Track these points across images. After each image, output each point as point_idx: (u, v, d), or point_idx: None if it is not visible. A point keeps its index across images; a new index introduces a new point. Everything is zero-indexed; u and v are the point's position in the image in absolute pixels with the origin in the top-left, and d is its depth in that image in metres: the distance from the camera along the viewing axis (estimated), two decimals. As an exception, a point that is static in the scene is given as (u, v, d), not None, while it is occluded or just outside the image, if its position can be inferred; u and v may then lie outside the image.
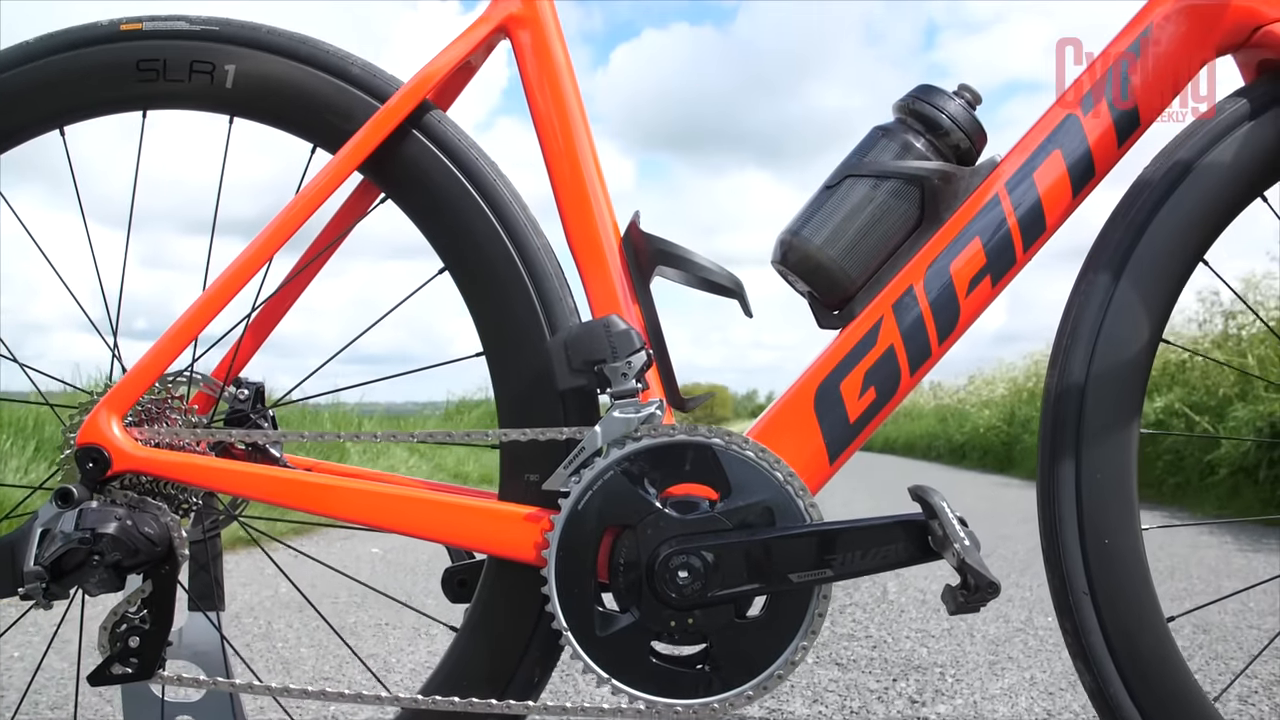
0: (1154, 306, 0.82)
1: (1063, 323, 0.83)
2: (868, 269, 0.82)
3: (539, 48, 0.85)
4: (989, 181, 0.83)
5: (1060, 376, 0.82)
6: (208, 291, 0.84)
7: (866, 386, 0.81)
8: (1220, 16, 0.84)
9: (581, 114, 0.86)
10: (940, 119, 0.83)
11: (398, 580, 2.74)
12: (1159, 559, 3.05)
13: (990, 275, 0.82)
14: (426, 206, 0.85)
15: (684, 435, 0.79)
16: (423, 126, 0.85)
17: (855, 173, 0.82)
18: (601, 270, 0.84)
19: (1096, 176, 0.84)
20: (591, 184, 0.85)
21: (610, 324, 0.80)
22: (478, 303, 0.85)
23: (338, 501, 0.82)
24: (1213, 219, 0.84)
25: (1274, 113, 0.84)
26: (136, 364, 0.83)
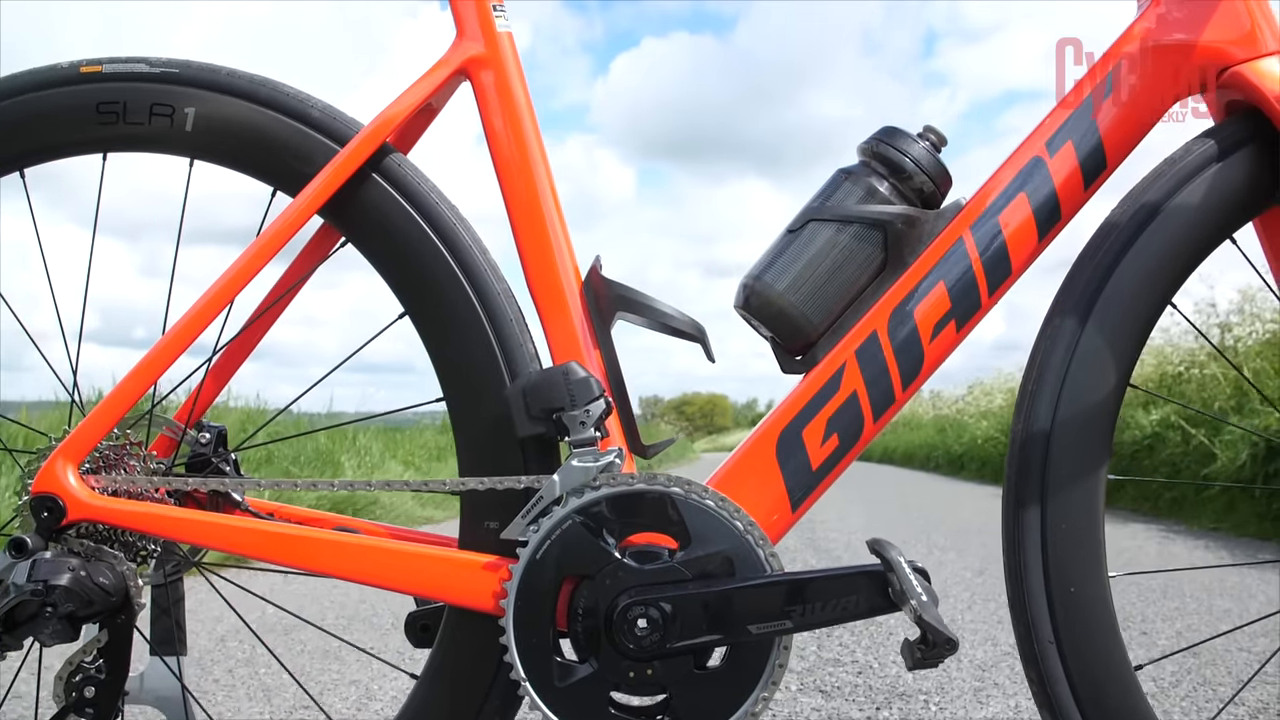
0: (1121, 351, 0.82)
1: (1028, 368, 0.82)
2: (830, 314, 0.82)
3: (500, 90, 0.85)
4: (954, 225, 0.82)
5: (1025, 423, 0.81)
6: (167, 335, 0.83)
7: (829, 433, 0.81)
8: (1188, 57, 0.83)
9: (543, 157, 0.85)
10: (904, 162, 0.82)
11: (387, 601, 2.73)
12: (1153, 576, 3.04)
13: (955, 320, 0.81)
14: (386, 251, 0.85)
15: (643, 484, 0.78)
16: (383, 170, 0.84)
17: (818, 217, 0.82)
18: (562, 316, 0.83)
19: (1063, 219, 0.83)
20: (553, 228, 0.84)
21: (569, 371, 0.79)
22: (437, 348, 0.84)
23: (295, 551, 0.81)
24: (1181, 262, 0.83)
25: (1242, 154, 0.83)
26: (94, 410, 0.82)
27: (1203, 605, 2.57)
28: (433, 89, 0.85)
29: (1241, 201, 0.84)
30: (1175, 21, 0.84)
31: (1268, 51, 0.83)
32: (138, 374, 0.83)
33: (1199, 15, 0.83)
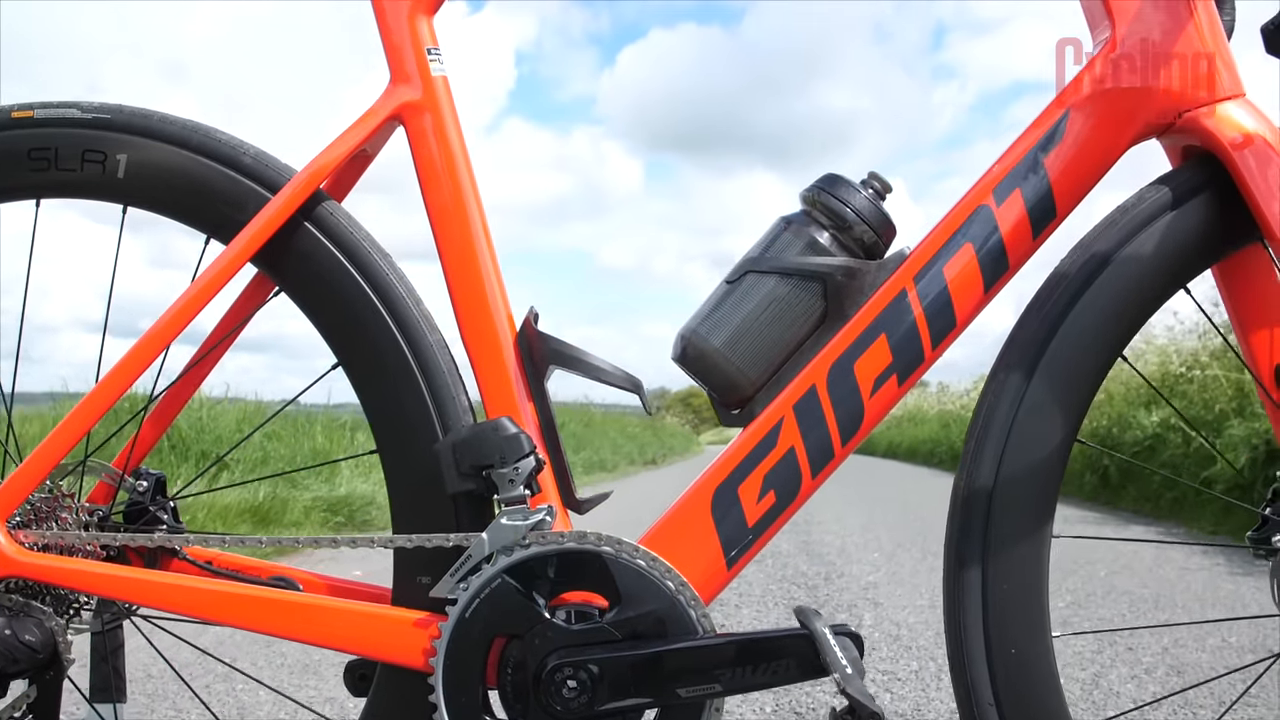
0: (1068, 405, 0.80)
1: (973, 422, 0.81)
2: (768, 368, 0.80)
3: (434, 137, 0.83)
4: (897, 276, 0.80)
5: (968, 480, 0.79)
6: (100, 384, 0.82)
7: (766, 490, 0.79)
8: (1142, 102, 0.81)
9: (478, 205, 0.84)
10: (845, 213, 0.80)
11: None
12: (1147, 584, 3.01)
13: (896, 374, 0.79)
14: (318, 301, 0.83)
15: (573, 543, 0.77)
16: (315, 219, 0.83)
17: (756, 268, 0.80)
18: (496, 368, 0.82)
19: (1010, 270, 0.81)
20: (488, 279, 0.83)
21: (500, 428, 0.78)
22: (371, 400, 0.83)
23: (225, 608, 0.80)
24: (1131, 313, 0.81)
25: (1198, 201, 0.81)
26: (24, 462, 0.81)
27: (1195, 616, 2.54)
28: (365, 135, 0.83)
29: (1197, 249, 0.82)
30: (1129, 65, 0.81)
31: (1224, 96, 0.81)
32: (70, 424, 0.82)
33: (1154, 59, 0.81)
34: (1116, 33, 0.81)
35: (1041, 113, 0.82)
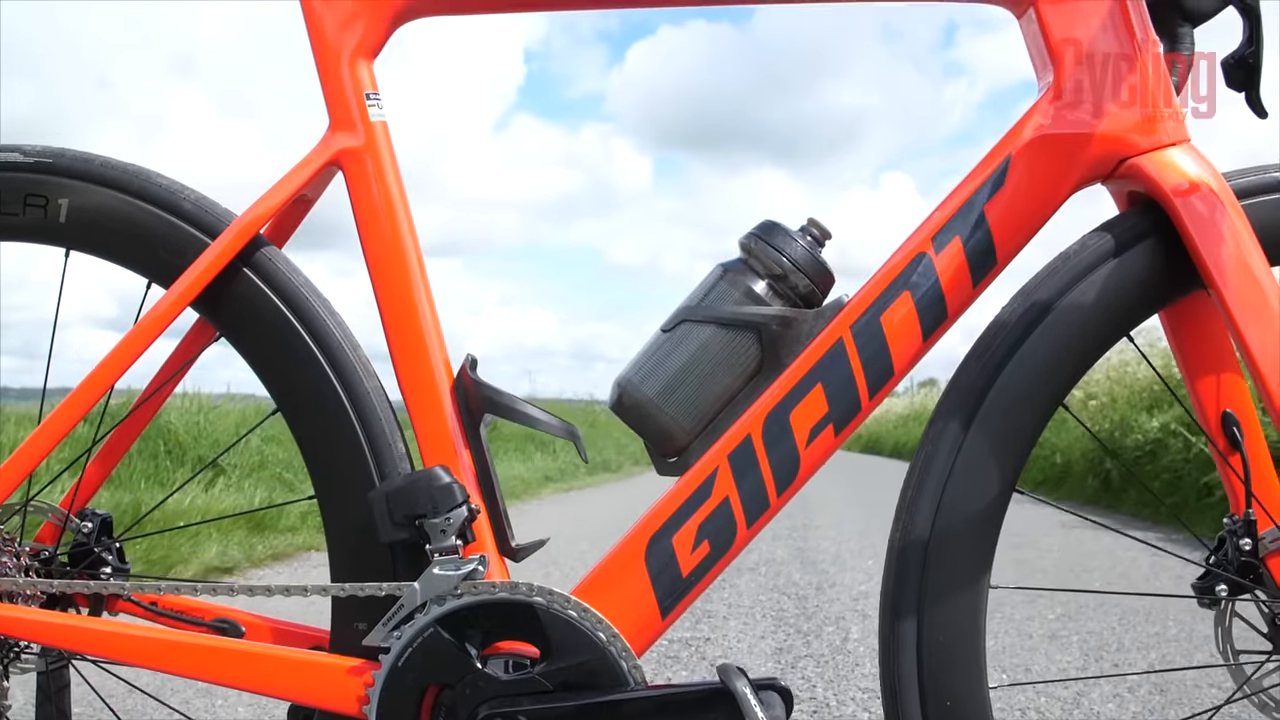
0: (1007, 456, 0.79)
1: (909, 473, 0.80)
2: (703, 418, 0.80)
3: (372, 183, 0.83)
4: (834, 325, 0.79)
5: (904, 530, 0.79)
6: (42, 427, 0.83)
7: (700, 540, 0.79)
8: (1084, 148, 0.80)
9: (417, 251, 0.83)
10: (781, 261, 0.80)
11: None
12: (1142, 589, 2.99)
13: (833, 424, 0.79)
14: (257, 347, 0.83)
15: (504, 594, 0.76)
16: (254, 265, 0.83)
17: (691, 317, 0.80)
18: (433, 416, 0.82)
19: (950, 318, 0.80)
20: (426, 325, 0.83)
21: (433, 477, 0.78)
22: (309, 446, 0.83)
23: (161, 656, 0.80)
24: (1073, 362, 0.80)
25: (1141, 248, 0.80)
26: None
27: (1184, 631, 2.53)
28: (304, 181, 0.83)
29: (1141, 297, 0.81)
30: (1072, 111, 0.80)
31: (1168, 142, 0.80)
32: (12, 465, 0.82)
33: (1097, 103, 0.80)
34: (1059, 78, 0.80)
35: (983, 159, 0.81)
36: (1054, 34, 0.81)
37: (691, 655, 2.20)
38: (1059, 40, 0.81)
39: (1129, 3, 0.80)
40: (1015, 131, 0.81)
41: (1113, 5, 0.80)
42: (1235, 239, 0.77)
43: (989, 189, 0.80)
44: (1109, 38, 0.80)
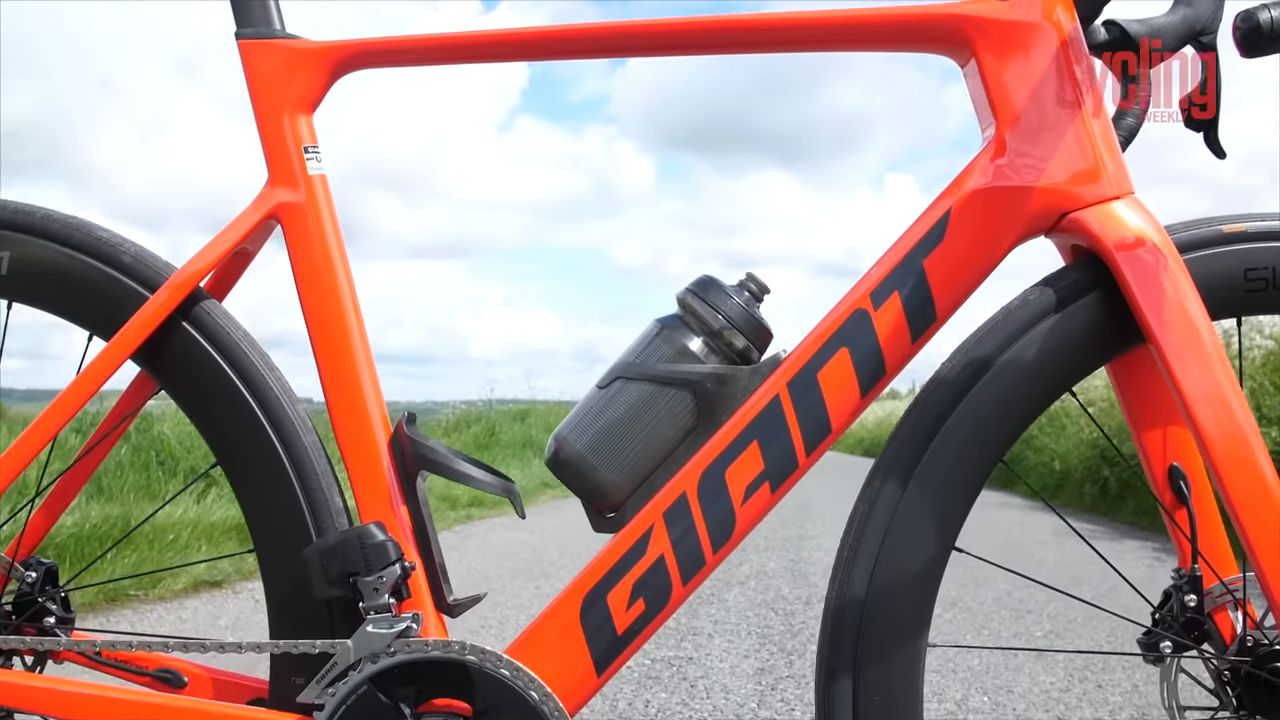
0: (945, 515, 0.78)
1: (846, 532, 0.79)
2: (638, 475, 0.79)
3: (310, 237, 0.83)
4: (770, 382, 0.79)
5: (840, 589, 0.78)
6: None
7: (635, 598, 0.78)
8: (1025, 202, 0.79)
9: (355, 306, 0.83)
10: (716, 319, 0.79)
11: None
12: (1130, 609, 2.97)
13: (769, 481, 0.78)
14: (196, 400, 0.83)
15: (437, 652, 0.76)
16: (193, 318, 0.83)
17: (626, 374, 0.79)
18: (370, 471, 0.81)
19: (888, 375, 0.79)
20: (364, 381, 0.82)
21: (366, 535, 0.77)
22: (247, 501, 0.83)
23: (101, 713, 0.80)
24: (1013, 418, 0.79)
25: (1083, 303, 0.79)
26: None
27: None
28: (242, 235, 0.83)
29: (1084, 352, 0.80)
30: (1013, 162, 0.80)
31: (1110, 196, 0.79)
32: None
33: (1039, 156, 0.79)
34: (1001, 130, 0.80)
35: (922, 213, 0.81)
36: (995, 85, 0.80)
37: (673, 675, 2.20)
38: (1000, 92, 0.80)
39: (1072, 54, 0.80)
40: (955, 185, 0.80)
41: (1056, 56, 0.80)
42: (1176, 294, 0.77)
43: (928, 244, 0.79)
44: (1051, 89, 0.79)
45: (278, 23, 0.84)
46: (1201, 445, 0.75)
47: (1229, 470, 0.74)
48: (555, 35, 0.84)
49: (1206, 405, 0.75)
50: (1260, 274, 0.80)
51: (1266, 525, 0.74)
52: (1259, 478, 0.74)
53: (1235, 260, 0.80)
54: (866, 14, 0.83)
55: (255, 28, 0.84)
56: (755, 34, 0.84)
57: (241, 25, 0.84)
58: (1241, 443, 0.75)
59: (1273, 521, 0.74)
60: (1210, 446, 0.75)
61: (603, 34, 0.84)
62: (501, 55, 0.84)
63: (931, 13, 0.82)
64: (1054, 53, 0.80)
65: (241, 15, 0.84)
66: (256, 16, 0.84)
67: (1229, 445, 0.74)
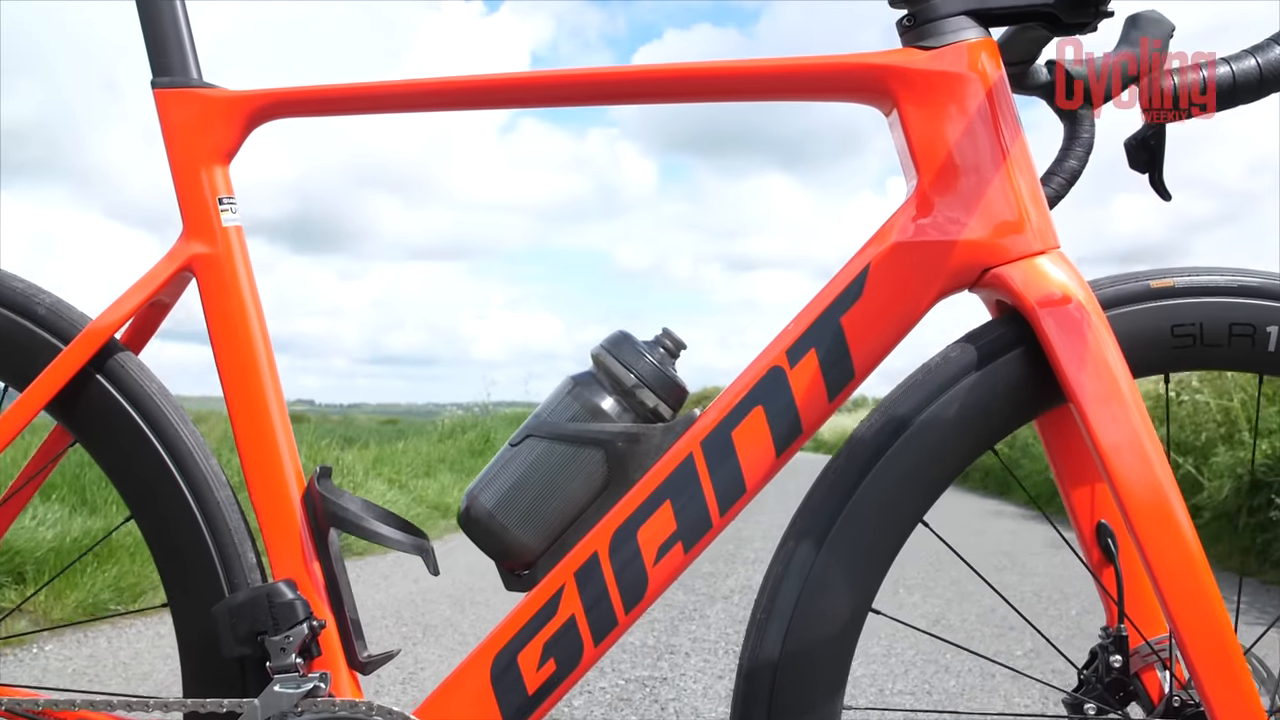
0: (860, 577, 0.77)
1: (760, 593, 0.78)
2: (549, 535, 0.78)
3: (225, 289, 0.82)
4: (684, 441, 0.78)
5: (753, 652, 0.77)
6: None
7: (546, 658, 0.77)
8: (947, 257, 0.78)
9: (269, 358, 0.82)
10: (627, 378, 0.78)
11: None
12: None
13: (682, 541, 0.77)
14: (110, 453, 0.83)
15: (344, 712, 0.76)
16: (107, 370, 0.82)
17: (537, 433, 0.78)
18: (282, 527, 0.81)
19: (804, 433, 0.78)
20: (277, 434, 0.82)
21: (274, 594, 0.77)
22: (160, 555, 0.82)
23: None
24: (932, 478, 0.78)
25: (1006, 360, 0.78)
26: None
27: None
28: (156, 287, 0.82)
29: (1006, 410, 0.79)
30: (935, 216, 0.78)
31: (1033, 251, 0.77)
32: None
33: (961, 210, 0.78)
34: (922, 183, 0.79)
35: (842, 268, 0.79)
36: (916, 137, 0.79)
37: (644, 697, 2.19)
38: (922, 144, 0.79)
39: (997, 105, 0.78)
40: (875, 239, 0.79)
41: (980, 107, 0.78)
42: (1098, 352, 0.75)
43: (846, 301, 0.78)
44: (974, 141, 0.78)
45: (195, 71, 0.83)
46: (1120, 505, 0.74)
47: (1147, 531, 0.73)
48: (475, 85, 0.83)
49: (1126, 465, 0.74)
50: (1187, 330, 0.79)
51: (1184, 587, 0.72)
52: (1179, 540, 0.73)
53: (1162, 316, 0.79)
54: (792, 64, 0.81)
55: (172, 76, 0.83)
56: (684, 84, 0.83)
57: (157, 74, 0.83)
58: (1161, 503, 0.74)
59: (1190, 582, 0.72)
60: (1129, 507, 0.73)
61: (525, 84, 0.83)
62: (419, 105, 0.83)
63: (854, 63, 0.80)
64: (978, 104, 0.79)
65: (158, 63, 0.83)
66: (174, 65, 0.83)
67: (1148, 506, 0.73)
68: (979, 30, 0.79)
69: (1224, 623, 0.72)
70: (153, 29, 0.83)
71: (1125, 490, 0.73)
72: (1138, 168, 0.83)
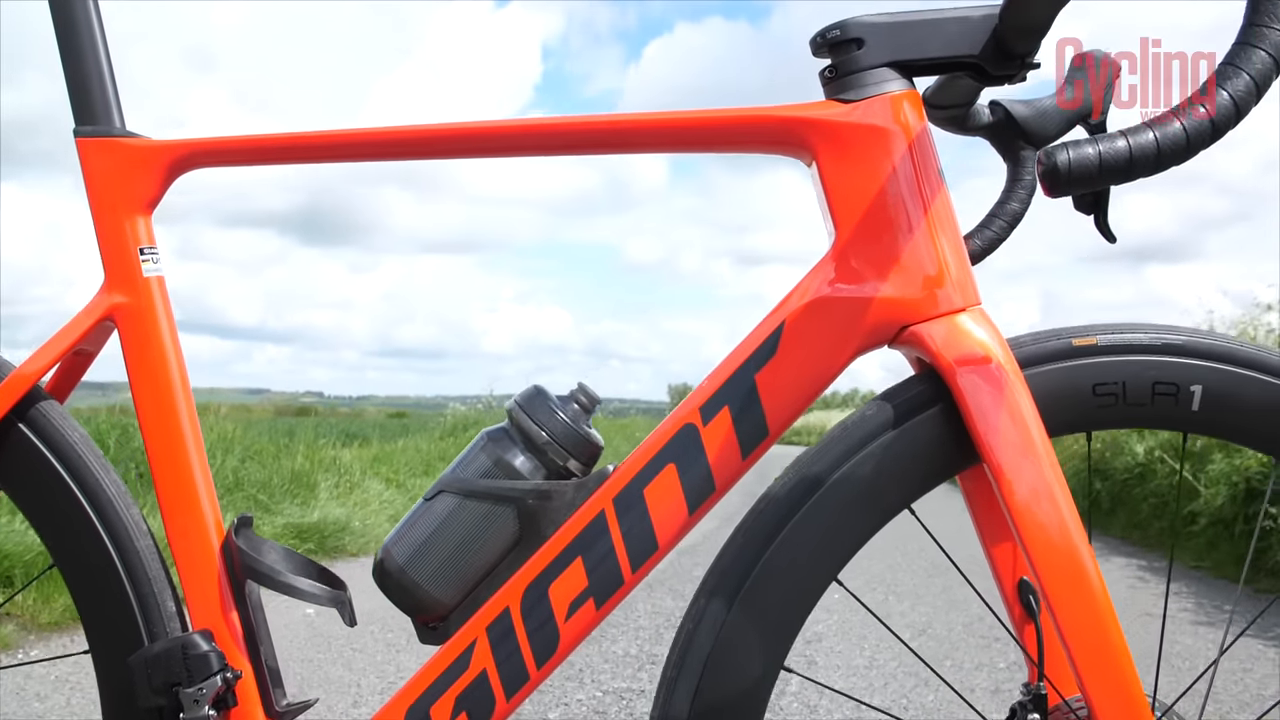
0: (771, 635, 0.77)
1: (671, 651, 0.78)
2: (461, 589, 0.78)
3: (145, 340, 0.82)
4: (596, 498, 0.77)
5: (663, 710, 0.77)
6: None
7: (458, 711, 0.77)
8: (863, 314, 0.77)
9: (189, 409, 0.83)
10: (539, 435, 0.78)
11: (335, 650, 2.77)
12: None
13: (594, 598, 0.77)
14: (32, 502, 0.83)
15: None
16: (29, 419, 0.83)
17: (449, 489, 0.78)
18: (201, 577, 0.81)
19: (717, 492, 0.78)
20: (197, 485, 0.82)
21: (189, 645, 0.77)
22: (82, 603, 0.83)
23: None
24: (846, 537, 0.78)
25: (923, 419, 0.77)
26: None
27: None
28: (78, 336, 0.82)
29: (923, 469, 0.78)
30: (852, 272, 0.78)
31: (953, 308, 0.77)
32: None
33: (879, 266, 0.77)
34: (840, 238, 0.78)
35: (757, 325, 0.79)
36: (834, 191, 0.78)
37: (620, 711, 2.20)
38: (839, 198, 0.78)
39: (918, 159, 0.78)
40: (791, 296, 0.78)
41: (902, 161, 0.77)
42: (1013, 411, 0.75)
43: (761, 358, 0.77)
44: (894, 196, 0.77)
45: (117, 120, 0.84)
46: (1031, 566, 0.73)
47: (1058, 593, 0.72)
48: (391, 137, 0.82)
49: (1037, 527, 0.73)
50: (1110, 389, 0.78)
51: (1094, 648, 0.72)
52: (1090, 601, 0.72)
53: (1084, 374, 0.78)
54: (714, 116, 0.81)
55: (94, 125, 0.83)
56: (605, 135, 0.82)
57: (80, 122, 0.83)
58: (1073, 565, 0.73)
59: (1101, 645, 0.72)
60: (1039, 568, 0.73)
61: (444, 136, 0.83)
62: (337, 156, 0.83)
63: (774, 115, 0.80)
64: (899, 157, 0.78)
65: (80, 112, 0.83)
66: (97, 114, 0.83)
67: (1059, 567, 0.73)
68: (902, 82, 0.78)
69: (1133, 685, 0.71)
70: (75, 77, 0.83)
71: (1036, 552, 0.73)
72: (1082, 209, 0.82)
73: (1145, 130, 0.65)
